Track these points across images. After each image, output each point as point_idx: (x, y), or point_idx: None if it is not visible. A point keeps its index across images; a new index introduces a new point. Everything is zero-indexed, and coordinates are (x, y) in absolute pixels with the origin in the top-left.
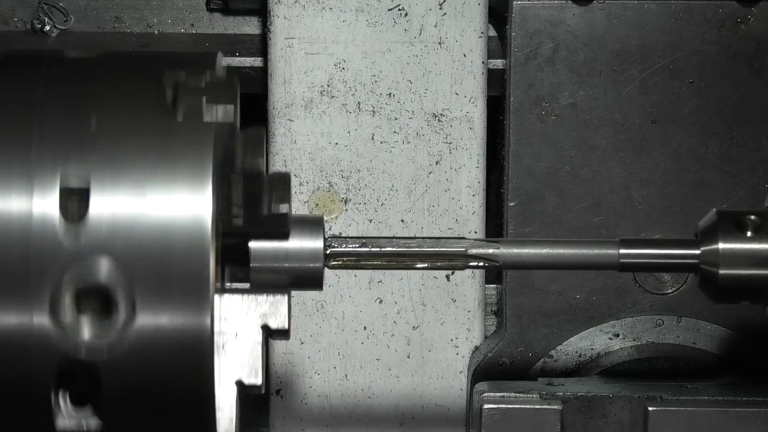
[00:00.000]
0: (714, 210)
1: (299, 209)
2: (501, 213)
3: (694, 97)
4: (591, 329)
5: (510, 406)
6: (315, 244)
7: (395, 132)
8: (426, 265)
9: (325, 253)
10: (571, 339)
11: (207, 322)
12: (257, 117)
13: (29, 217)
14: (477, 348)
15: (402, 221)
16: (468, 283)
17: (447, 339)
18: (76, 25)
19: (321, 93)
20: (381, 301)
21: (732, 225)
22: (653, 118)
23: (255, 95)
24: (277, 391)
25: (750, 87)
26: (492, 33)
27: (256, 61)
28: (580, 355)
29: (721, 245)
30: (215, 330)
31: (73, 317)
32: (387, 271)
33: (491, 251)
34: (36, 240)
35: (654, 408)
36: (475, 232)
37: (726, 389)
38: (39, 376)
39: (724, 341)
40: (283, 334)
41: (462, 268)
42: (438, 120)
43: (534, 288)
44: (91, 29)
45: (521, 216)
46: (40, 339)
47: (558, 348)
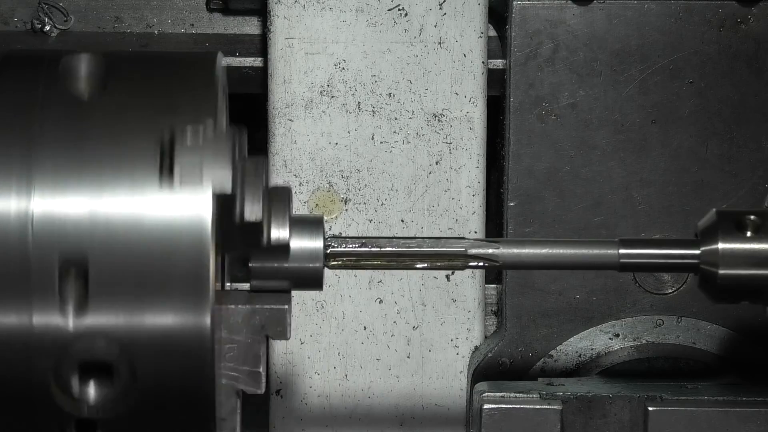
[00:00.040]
0: (714, 210)
1: (299, 209)
2: (501, 213)
3: (694, 97)
4: (591, 329)
5: (510, 406)
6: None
7: (395, 132)
8: (426, 265)
9: (325, 253)
10: (571, 339)
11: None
12: (257, 117)
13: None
14: (477, 348)
15: (402, 221)
16: (468, 283)
17: (447, 339)
18: (76, 25)
19: (321, 93)
20: (381, 301)
21: (732, 225)
22: (653, 118)
23: (255, 95)
24: (277, 391)
25: (750, 87)
26: (492, 33)
27: (256, 61)
28: (580, 355)
29: (721, 245)
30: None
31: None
32: (387, 271)
33: (491, 251)
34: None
35: (654, 408)
36: (475, 232)
37: (726, 389)
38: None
39: (724, 341)
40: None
41: (462, 268)
42: (438, 120)
43: (534, 288)
44: (91, 29)
45: (521, 216)
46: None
47: (558, 348)
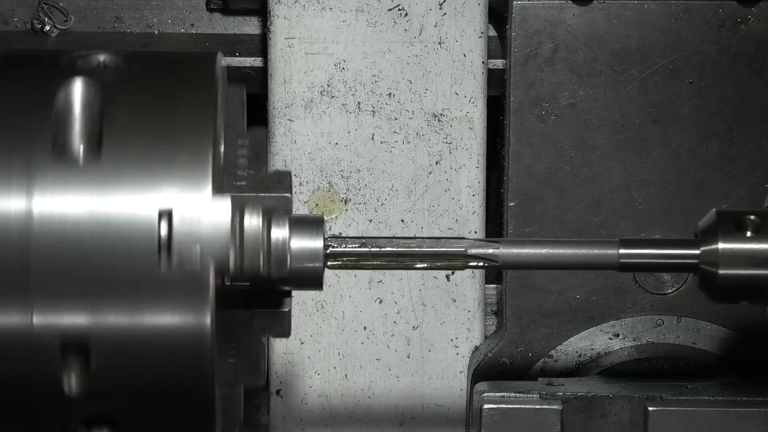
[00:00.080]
0: (714, 210)
1: (299, 209)
2: (501, 213)
3: (694, 97)
4: (591, 329)
5: (510, 406)
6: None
7: (395, 132)
8: (426, 265)
9: (325, 253)
10: (571, 339)
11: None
12: (257, 117)
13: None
14: (477, 348)
15: (402, 221)
16: (468, 283)
17: (447, 339)
18: (76, 25)
19: (321, 93)
20: (381, 301)
21: (732, 225)
22: (653, 118)
23: (255, 95)
24: (277, 391)
25: (750, 87)
26: (492, 33)
27: (256, 61)
28: (580, 355)
29: (721, 245)
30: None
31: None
32: (387, 271)
33: (491, 251)
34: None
35: (654, 408)
36: (475, 232)
37: (726, 389)
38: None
39: (724, 341)
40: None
41: (462, 268)
42: (438, 120)
43: (534, 288)
44: (91, 29)
45: (521, 216)
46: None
47: (558, 348)
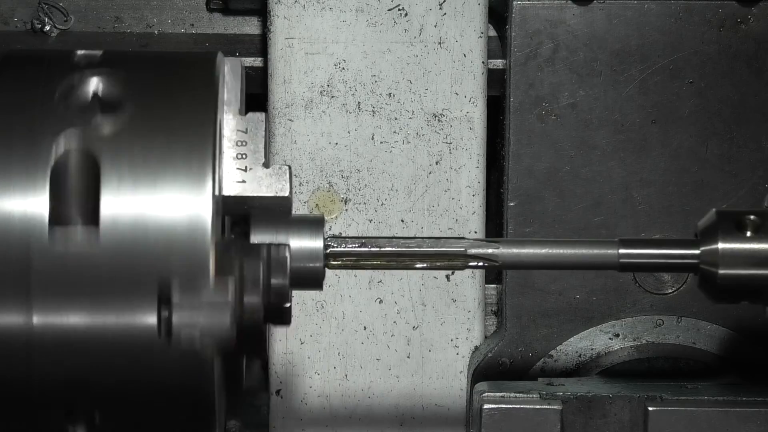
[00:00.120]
0: (714, 210)
1: (299, 209)
2: (501, 213)
3: (694, 97)
4: (591, 329)
5: (510, 406)
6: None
7: (395, 132)
8: (426, 265)
9: (325, 253)
10: (571, 339)
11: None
12: None
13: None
14: (477, 348)
15: (402, 221)
16: (468, 283)
17: (447, 339)
18: (76, 25)
19: (321, 93)
20: (381, 301)
21: (732, 225)
22: (653, 118)
23: (255, 95)
24: (277, 391)
25: (750, 87)
26: (492, 33)
27: (256, 61)
28: (580, 355)
29: (721, 245)
30: None
31: None
32: (387, 271)
33: (491, 251)
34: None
35: (654, 408)
36: (475, 232)
37: (726, 389)
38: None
39: (724, 341)
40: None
41: (462, 268)
42: (438, 120)
43: (534, 288)
44: (91, 29)
45: (521, 216)
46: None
47: (558, 348)
